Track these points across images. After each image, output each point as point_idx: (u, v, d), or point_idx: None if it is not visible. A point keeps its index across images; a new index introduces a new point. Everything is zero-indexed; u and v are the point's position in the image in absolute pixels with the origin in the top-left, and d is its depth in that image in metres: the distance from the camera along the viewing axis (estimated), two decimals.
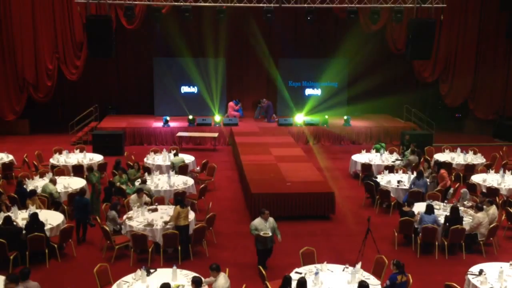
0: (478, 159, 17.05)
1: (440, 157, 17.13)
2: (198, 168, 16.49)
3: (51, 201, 12.69)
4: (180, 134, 20.66)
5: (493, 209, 11.75)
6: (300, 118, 22.31)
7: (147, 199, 12.46)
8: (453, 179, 15.24)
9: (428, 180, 14.05)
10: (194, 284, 7.97)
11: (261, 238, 10.08)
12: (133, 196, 12.37)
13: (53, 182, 13.14)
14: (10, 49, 21.15)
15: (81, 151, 17.02)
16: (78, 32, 20.97)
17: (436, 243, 11.37)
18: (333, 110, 23.15)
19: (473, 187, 14.18)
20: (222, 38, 23.16)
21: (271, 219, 10.31)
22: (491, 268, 9.30)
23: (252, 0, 17.70)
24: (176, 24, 22.34)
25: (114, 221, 11.35)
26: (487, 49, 22.89)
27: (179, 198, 11.48)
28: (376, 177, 14.84)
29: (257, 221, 10.20)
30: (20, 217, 11.35)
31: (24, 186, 13.06)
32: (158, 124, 21.49)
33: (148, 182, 13.63)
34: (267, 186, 13.84)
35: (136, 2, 17.42)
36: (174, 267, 8.92)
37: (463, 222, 11.48)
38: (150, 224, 11.09)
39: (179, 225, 10.86)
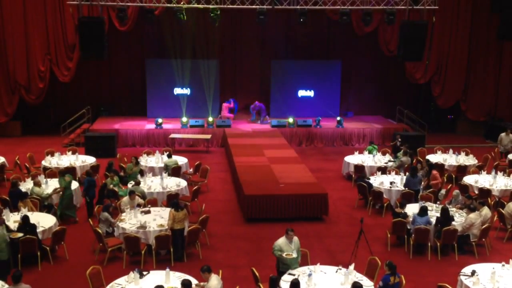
0: (470, 160, 17.13)
1: (432, 158, 17.18)
2: (191, 170, 16.46)
3: (42, 204, 12.62)
4: (173, 135, 20.63)
5: (485, 210, 11.82)
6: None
7: (140, 200, 12.43)
8: (445, 180, 15.30)
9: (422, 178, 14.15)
10: (184, 287, 7.95)
11: (285, 260, 9.28)
12: (125, 198, 12.34)
13: (37, 184, 13.07)
14: (2, 51, 21.04)
15: (73, 153, 16.94)
16: (70, 33, 20.90)
17: (429, 244, 11.41)
18: (326, 112, 23.21)
19: (465, 188, 14.24)
20: (215, 40, 23.17)
21: (295, 239, 9.45)
22: (483, 269, 9.34)
23: (245, 1, 17.72)
24: (168, 26, 22.32)
25: (107, 222, 11.32)
26: (478, 51, 23.02)
27: (175, 201, 11.40)
28: (369, 179, 14.87)
29: (282, 241, 9.35)
30: (12, 220, 11.28)
31: (19, 188, 13.00)
32: (151, 125, 21.44)
33: (141, 184, 13.60)
34: (260, 188, 13.83)
35: (128, 4, 17.38)
36: (167, 269, 8.90)
37: (456, 223, 11.54)
38: (143, 226, 11.05)
39: (173, 229, 10.83)
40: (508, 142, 17.93)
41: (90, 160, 16.54)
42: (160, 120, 21.20)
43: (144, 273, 9.03)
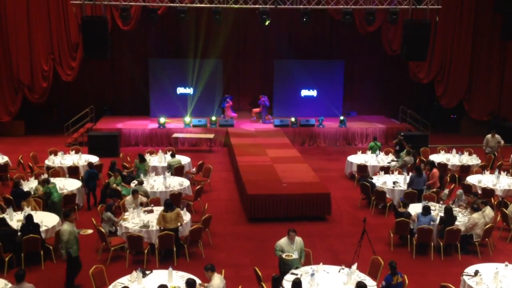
0: (473, 160, 17.09)
1: (436, 158, 17.15)
2: (194, 169, 16.47)
3: (46, 203, 12.63)
4: (176, 135, 20.64)
5: (488, 210, 11.77)
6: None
7: (143, 199, 12.43)
8: (448, 180, 15.27)
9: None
10: (188, 286, 7.95)
11: (287, 261, 9.25)
12: (128, 198, 12.35)
13: (42, 184, 13.08)
14: (5, 50, 21.10)
15: (76, 152, 16.97)
16: (74, 33, 20.93)
17: (432, 244, 11.40)
18: (329, 110, 23.18)
19: (468, 188, 14.21)
20: (218, 40, 23.17)
21: (298, 239, 9.45)
22: (486, 269, 9.32)
23: (248, 1, 17.71)
24: (172, 25, 22.31)
25: (110, 222, 11.33)
26: (482, 50, 22.97)
27: (166, 202, 11.21)
28: (372, 178, 14.87)
29: (283, 242, 9.37)
30: (15, 219, 11.30)
31: (20, 187, 13.03)
32: (154, 125, 21.46)
33: (144, 184, 13.61)
34: (263, 187, 13.84)
35: (131, 3, 17.40)
36: (170, 269, 8.91)
37: (459, 223, 11.52)
38: (145, 226, 11.06)
39: (165, 228, 10.78)
40: (495, 144, 17.50)
41: (93, 159, 16.55)
42: (162, 120, 21.21)
43: (147, 272, 9.04)
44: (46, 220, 11.33)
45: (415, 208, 12.21)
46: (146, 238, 10.92)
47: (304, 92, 23.87)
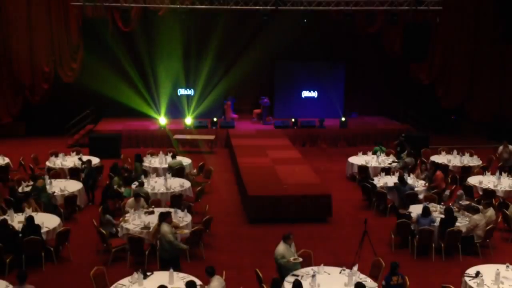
0: (474, 161, 17.08)
1: (437, 159, 17.15)
2: (194, 170, 16.47)
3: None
4: (176, 136, 20.64)
5: (490, 211, 11.77)
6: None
7: (144, 205, 12.36)
8: (449, 181, 15.26)
9: (423, 182, 14.12)
10: None
11: (290, 266, 9.07)
12: (130, 201, 12.31)
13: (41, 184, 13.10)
14: (6, 52, 21.13)
15: (77, 153, 16.98)
16: (74, 34, 20.95)
17: (433, 245, 11.39)
18: (329, 112, 23.18)
19: (469, 189, 14.19)
20: (219, 41, 23.17)
21: (292, 243, 9.40)
22: (487, 270, 9.29)
23: (248, 2, 17.72)
24: (172, 27, 22.29)
25: (110, 223, 11.31)
26: (482, 51, 22.95)
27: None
28: (373, 179, 14.86)
29: (282, 248, 9.18)
30: (16, 220, 11.31)
31: (19, 189, 13.04)
32: (155, 126, 21.47)
33: (145, 185, 13.61)
34: (264, 189, 13.83)
35: (132, 5, 17.41)
36: (171, 270, 8.90)
37: (460, 224, 11.51)
38: (146, 227, 11.05)
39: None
40: (509, 155, 16.77)
41: (95, 160, 16.54)
42: (163, 122, 21.22)
43: (148, 273, 9.03)
44: (47, 221, 11.32)
45: (415, 210, 12.19)
46: (147, 239, 10.90)
47: (305, 93, 23.88)
